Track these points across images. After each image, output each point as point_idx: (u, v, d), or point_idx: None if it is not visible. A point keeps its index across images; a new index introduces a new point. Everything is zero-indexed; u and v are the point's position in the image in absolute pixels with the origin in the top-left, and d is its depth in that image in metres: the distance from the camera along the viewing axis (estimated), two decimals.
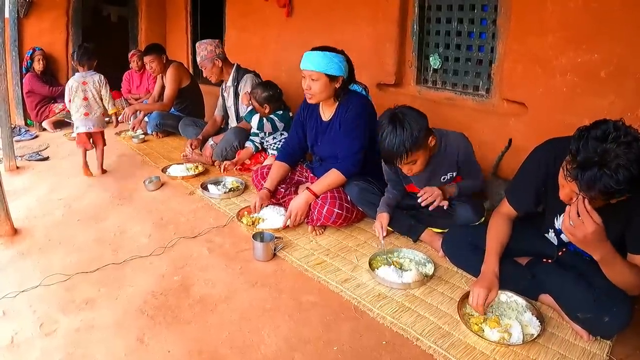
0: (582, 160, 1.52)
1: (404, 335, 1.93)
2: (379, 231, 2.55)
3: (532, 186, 2.02)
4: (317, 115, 2.99)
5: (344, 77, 2.74)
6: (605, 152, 1.48)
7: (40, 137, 5.49)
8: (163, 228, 2.96)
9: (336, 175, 2.76)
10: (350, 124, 2.76)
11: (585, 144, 1.52)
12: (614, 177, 1.46)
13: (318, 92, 2.72)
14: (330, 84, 2.71)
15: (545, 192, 1.98)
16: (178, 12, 6.89)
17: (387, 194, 2.68)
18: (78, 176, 3.98)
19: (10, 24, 5.70)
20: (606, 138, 1.49)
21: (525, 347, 1.82)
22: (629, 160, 1.45)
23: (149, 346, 1.89)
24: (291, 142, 3.18)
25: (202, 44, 4.04)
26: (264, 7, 5.06)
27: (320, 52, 2.67)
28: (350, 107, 2.78)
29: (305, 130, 3.09)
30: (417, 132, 2.21)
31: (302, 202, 2.78)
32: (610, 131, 1.49)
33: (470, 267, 2.25)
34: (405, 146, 2.21)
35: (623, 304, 1.77)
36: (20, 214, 3.12)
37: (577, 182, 1.56)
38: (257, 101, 3.71)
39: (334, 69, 2.67)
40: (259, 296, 2.23)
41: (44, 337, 1.94)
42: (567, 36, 2.67)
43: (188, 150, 4.25)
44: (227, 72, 4.19)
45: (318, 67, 2.65)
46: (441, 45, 3.58)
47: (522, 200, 2.10)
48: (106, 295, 2.24)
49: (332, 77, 2.69)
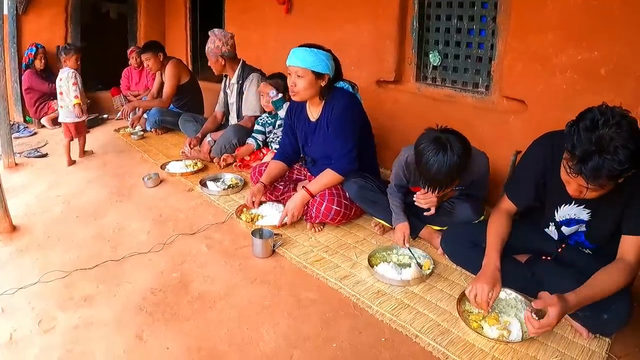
0: (580, 153, 1.55)
1: (403, 332, 1.93)
2: (402, 242, 2.52)
3: (531, 180, 2.03)
4: (305, 117, 2.96)
5: (329, 76, 2.70)
6: (600, 138, 1.51)
7: (39, 134, 5.48)
8: (162, 225, 2.96)
9: (332, 175, 2.75)
10: (338, 123, 2.72)
11: (579, 137, 1.56)
12: (616, 158, 1.50)
13: (302, 89, 2.68)
14: (316, 82, 2.68)
15: (544, 185, 1.99)
16: (177, 9, 6.88)
17: (395, 199, 2.62)
18: (77, 173, 3.98)
19: (9, 20, 5.68)
20: (596, 125, 1.53)
21: (524, 344, 1.82)
22: (624, 139, 1.49)
23: (148, 343, 1.89)
24: (283, 145, 3.17)
25: (213, 35, 4.01)
26: (263, 4, 5.04)
27: (307, 49, 2.65)
28: (336, 105, 2.73)
29: (295, 132, 3.08)
30: (464, 159, 2.14)
31: (298, 201, 2.78)
32: (597, 118, 1.54)
33: (470, 265, 2.26)
34: (452, 176, 2.15)
35: (622, 302, 1.77)
36: (19, 211, 3.12)
37: (583, 175, 1.58)
38: (278, 90, 3.71)
39: (321, 66, 2.64)
40: (258, 293, 2.23)
41: (43, 334, 1.94)
42: (567, 34, 2.66)
43: (187, 149, 4.24)
44: (232, 68, 4.17)
45: (304, 63, 2.62)
46: (441, 43, 3.57)
47: (522, 195, 2.11)
48: (105, 292, 2.24)
49: (318, 75, 2.66)
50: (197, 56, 6.89)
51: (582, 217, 1.94)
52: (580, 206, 1.92)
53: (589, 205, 1.90)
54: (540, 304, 1.72)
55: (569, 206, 1.95)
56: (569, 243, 2.09)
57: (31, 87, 5.65)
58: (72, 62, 4.24)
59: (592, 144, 1.52)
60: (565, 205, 1.96)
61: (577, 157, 1.57)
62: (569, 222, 2.00)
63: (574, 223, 1.99)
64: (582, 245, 2.06)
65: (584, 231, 1.99)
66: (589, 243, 2.01)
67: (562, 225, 2.03)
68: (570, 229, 2.02)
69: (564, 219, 2.01)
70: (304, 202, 2.78)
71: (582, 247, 2.06)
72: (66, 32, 6.27)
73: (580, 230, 2.00)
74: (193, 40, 6.83)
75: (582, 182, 1.61)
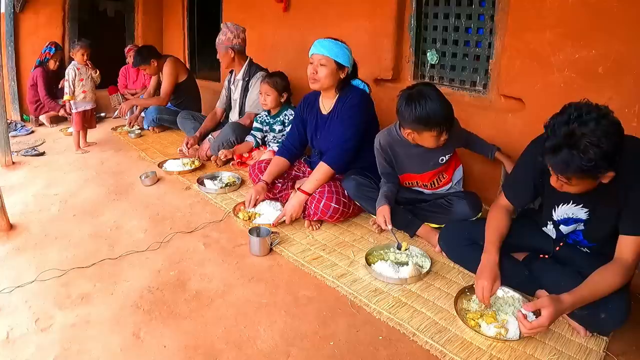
0: (550, 146, 1.59)
1: (400, 331, 1.93)
2: (383, 223, 2.49)
3: (529, 180, 2.04)
4: (317, 109, 2.99)
5: (349, 70, 2.79)
6: (572, 133, 1.53)
7: (37, 132, 5.47)
8: (159, 223, 2.95)
9: (324, 169, 2.77)
10: (346, 113, 2.78)
11: (552, 130, 1.59)
12: (584, 156, 1.51)
13: (323, 77, 2.74)
14: (337, 73, 2.76)
15: (542, 184, 1.99)
16: (174, 7, 6.87)
17: (384, 187, 2.67)
18: (74, 171, 3.97)
19: (6, 18, 5.67)
20: (570, 120, 1.55)
21: (522, 342, 1.82)
22: (597, 137, 1.49)
23: (145, 341, 1.89)
24: (291, 137, 3.18)
25: (225, 27, 4.04)
26: (261, 2, 5.04)
27: (332, 40, 2.74)
28: (350, 98, 2.79)
29: (305, 124, 3.09)
30: (438, 92, 2.36)
31: (296, 204, 2.79)
32: (572, 113, 1.56)
33: (468, 263, 2.25)
34: (447, 107, 2.35)
35: (619, 301, 1.77)
36: (16, 210, 3.11)
37: (552, 167, 1.63)
38: (277, 90, 3.72)
39: (344, 58, 2.74)
40: (255, 291, 2.23)
41: (40, 333, 1.93)
42: (565, 32, 2.66)
43: (184, 149, 4.23)
44: (240, 63, 4.18)
45: (330, 52, 2.70)
46: (439, 41, 3.57)
47: (520, 194, 2.12)
48: (102, 291, 2.23)
49: (340, 66, 2.74)
50: (194, 54, 6.89)
51: (580, 216, 1.94)
52: (578, 205, 1.92)
53: (587, 204, 1.90)
54: (531, 307, 1.73)
55: (567, 205, 1.95)
56: (567, 242, 2.09)
57: (36, 84, 5.62)
58: (78, 56, 4.42)
59: (563, 138, 1.55)
60: (563, 205, 1.96)
61: (547, 149, 1.60)
62: (567, 221, 2.00)
63: (572, 222, 1.99)
64: (580, 244, 2.05)
65: (582, 230, 1.99)
66: (587, 242, 2.01)
67: (561, 224, 2.03)
68: (568, 228, 2.02)
69: (562, 218, 2.00)
70: (302, 203, 2.79)
71: (580, 245, 2.06)
72: (64, 30, 6.27)
73: (579, 229, 2.00)
74: (190, 38, 6.82)
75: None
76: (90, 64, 4.50)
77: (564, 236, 2.07)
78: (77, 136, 4.58)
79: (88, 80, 4.49)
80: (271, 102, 3.77)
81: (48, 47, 5.66)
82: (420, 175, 2.67)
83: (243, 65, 4.17)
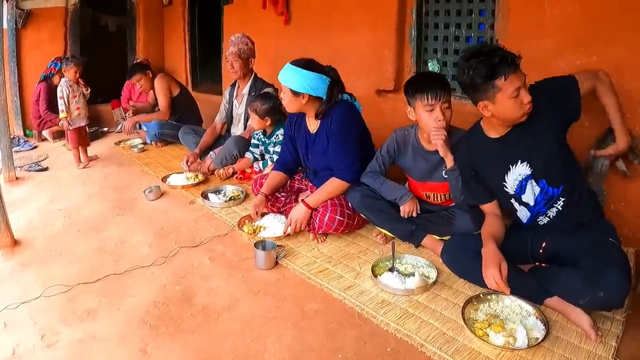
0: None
1: (408, 342, 1.92)
2: (415, 212, 2.63)
3: (471, 179, 2.28)
4: (304, 128, 2.98)
5: (309, 95, 2.71)
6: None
7: (40, 147, 5.49)
8: (164, 237, 2.95)
9: (339, 183, 2.75)
10: (339, 136, 2.75)
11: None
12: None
13: (286, 103, 2.80)
14: (295, 99, 2.74)
15: (479, 175, 2.25)
16: (176, 21, 6.91)
17: (379, 181, 2.71)
18: (78, 186, 3.98)
19: (9, 34, 5.72)
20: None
21: (531, 351, 1.81)
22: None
23: (152, 357, 1.88)
24: (284, 156, 3.19)
25: (245, 37, 4.10)
26: (262, 15, 5.07)
27: (292, 67, 2.70)
28: (334, 117, 2.76)
29: (295, 143, 3.09)
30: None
31: (302, 211, 2.78)
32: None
33: (472, 275, 2.20)
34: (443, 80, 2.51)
35: (611, 275, 1.78)
36: (21, 225, 3.12)
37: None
38: (258, 114, 3.71)
39: (297, 85, 2.67)
40: (261, 305, 2.22)
41: (46, 349, 1.93)
42: (565, 39, 2.67)
43: (184, 166, 4.21)
44: (246, 76, 4.21)
45: (283, 79, 2.72)
46: (439, 51, 3.59)
47: (475, 193, 2.32)
48: (108, 306, 2.23)
49: (295, 93, 2.72)
50: (196, 68, 6.92)
51: (526, 171, 2.08)
52: (515, 164, 2.09)
53: (522, 158, 2.07)
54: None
55: (510, 173, 2.11)
56: (542, 211, 2.14)
57: (40, 99, 5.65)
58: (70, 73, 4.37)
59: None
60: (507, 175, 2.12)
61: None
62: (522, 187, 2.11)
63: (525, 183, 2.09)
64: (551, 200, 2.10)
65: (539, 182, 2.08)
66: (551, 187, 2.07)
67: (521, 195, 2.13)
68: (528, 194, 2.11)
69: (517, 187, 2.13)
70: (308, 212, 2.78)
71: (552, 201, 2.10)
72: (65, 45, 6.30)
73: (536, 189, 2.10)
74: (192, 52, 6.86)
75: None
76: (82, 82, 4.48)
77: (537, 211, 2.15)
78: (77, 152, 4.58)
79: (80, 97, 4.48)
80: (256, 124, 3.81)
81: (54, 62, 5.68)
82: (421, 184, 2.67)
83: (248, 79, 4.19)
